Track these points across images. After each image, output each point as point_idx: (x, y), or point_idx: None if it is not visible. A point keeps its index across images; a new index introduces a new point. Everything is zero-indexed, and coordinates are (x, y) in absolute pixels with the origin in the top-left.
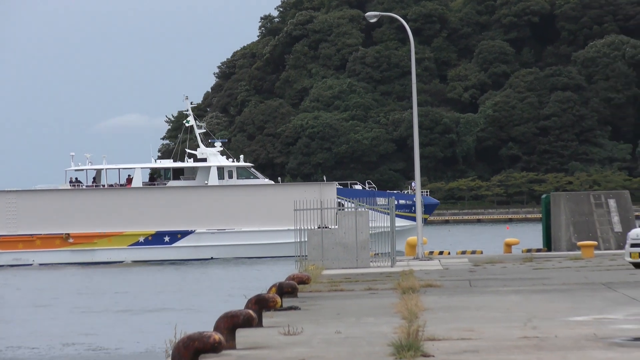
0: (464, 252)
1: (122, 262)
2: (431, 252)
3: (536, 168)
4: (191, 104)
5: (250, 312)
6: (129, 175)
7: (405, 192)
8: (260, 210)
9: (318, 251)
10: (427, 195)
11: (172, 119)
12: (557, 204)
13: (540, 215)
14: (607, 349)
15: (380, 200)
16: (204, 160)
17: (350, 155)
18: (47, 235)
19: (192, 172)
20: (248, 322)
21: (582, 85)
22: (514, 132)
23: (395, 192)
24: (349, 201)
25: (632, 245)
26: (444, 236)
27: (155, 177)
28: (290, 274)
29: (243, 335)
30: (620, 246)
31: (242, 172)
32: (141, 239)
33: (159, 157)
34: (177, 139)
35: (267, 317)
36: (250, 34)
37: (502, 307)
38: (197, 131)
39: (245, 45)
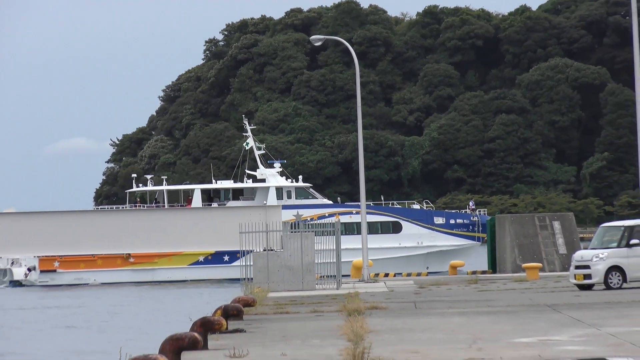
0: (409, 274)
1: (183, 281)
2: (377, 275)
3: (481, 190)
4: (249, 124)
5: (196, 334)
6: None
7: (464, 211)
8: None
9: (264, 274)
10: (484, 214)
11: (117, 142)
12: (502, 226)
13: (485, 237)
14: None
15: (438, 220)
16: (263, 180)
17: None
18: (108, 255)
19: (251, 193)
20: (193, 344)
21: (526, 108)
22: (459, 154)
23: (454, 211)
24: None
25: (577, 267)
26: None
27: (213, 197)
28: (236, 296)
29: (188, 358)
30: (565, 268)
31: (301, 192)
32: (201, 259)
33: (104, 181)
34: (122, 162)
35: (213, 340)
36: (195, 58)
37: (448, 329)
38: (257, 152)
39: (190, 68)
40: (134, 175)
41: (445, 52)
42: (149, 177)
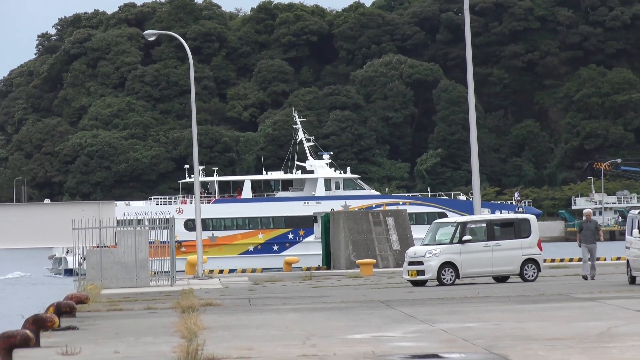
0: (244, 271)
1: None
2: (211, 271)
3: None
4: (299, 117)
5: (28, 332)
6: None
7: (509, 202)
8: None
9: (97, 270)
10: (529, 205)
11: None
12: (337, 222)
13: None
14: None
15: (484, 211)
16: (312, 172)
17: (129, 174)
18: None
19: (300, 184)
20: (25, 342)
21: (360, 104)
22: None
23: (499, 203)
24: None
25: (410, 263)
26: None
27: (255, 188)
28: (69, 293)
29: (20, 355)
30: (399, 264)
31: (349, 184)
32: (251, 248)
33: None
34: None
35: (45, 337)
36: (27, 52)
37: (282, 326)
38: (306, 144)
39: (23, 63)
40: (187, 166)
41: (279, 48)
42: (200, 167)
